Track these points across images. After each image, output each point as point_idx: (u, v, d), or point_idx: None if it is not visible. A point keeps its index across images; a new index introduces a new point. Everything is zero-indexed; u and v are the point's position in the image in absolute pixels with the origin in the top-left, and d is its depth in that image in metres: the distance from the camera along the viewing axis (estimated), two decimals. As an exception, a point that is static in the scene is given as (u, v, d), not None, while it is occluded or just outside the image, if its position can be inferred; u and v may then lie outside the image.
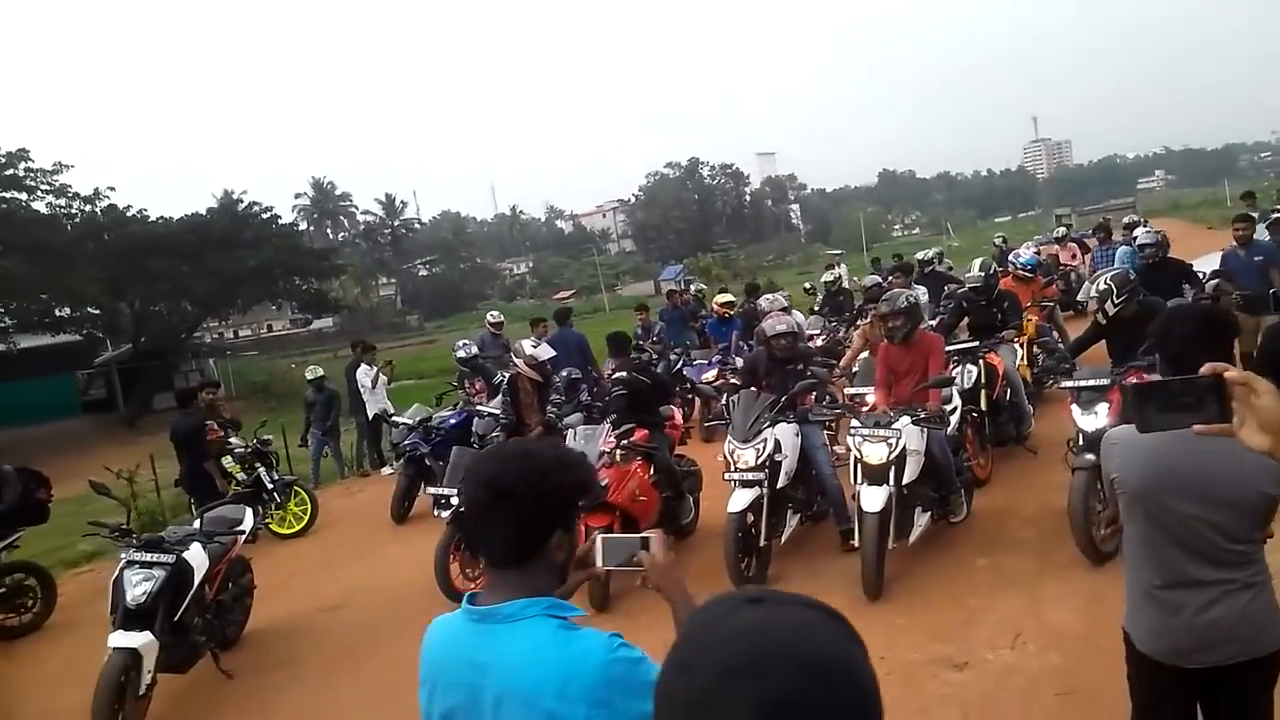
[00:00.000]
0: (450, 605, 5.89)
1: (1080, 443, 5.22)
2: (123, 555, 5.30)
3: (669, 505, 6.39)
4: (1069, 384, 5.30)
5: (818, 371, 6.34)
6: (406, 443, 8.92)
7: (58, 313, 30.42)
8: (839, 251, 20.39)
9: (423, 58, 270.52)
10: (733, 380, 9.50)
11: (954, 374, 6.24)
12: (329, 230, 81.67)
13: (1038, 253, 10.99)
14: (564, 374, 9.59)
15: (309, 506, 9.11)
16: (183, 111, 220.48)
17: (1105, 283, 5.57)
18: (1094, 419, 5.11)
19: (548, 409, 6.83)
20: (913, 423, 5.28)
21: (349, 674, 5.55)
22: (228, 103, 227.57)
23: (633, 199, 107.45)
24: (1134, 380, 5.16)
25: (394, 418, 9.49)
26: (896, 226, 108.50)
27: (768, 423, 5.72)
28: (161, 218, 34.87)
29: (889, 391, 5.94)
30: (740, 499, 5.52)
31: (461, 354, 9.65)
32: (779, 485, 5.68)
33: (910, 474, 5.23)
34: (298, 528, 9.06)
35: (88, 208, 31.91)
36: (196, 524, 5.85)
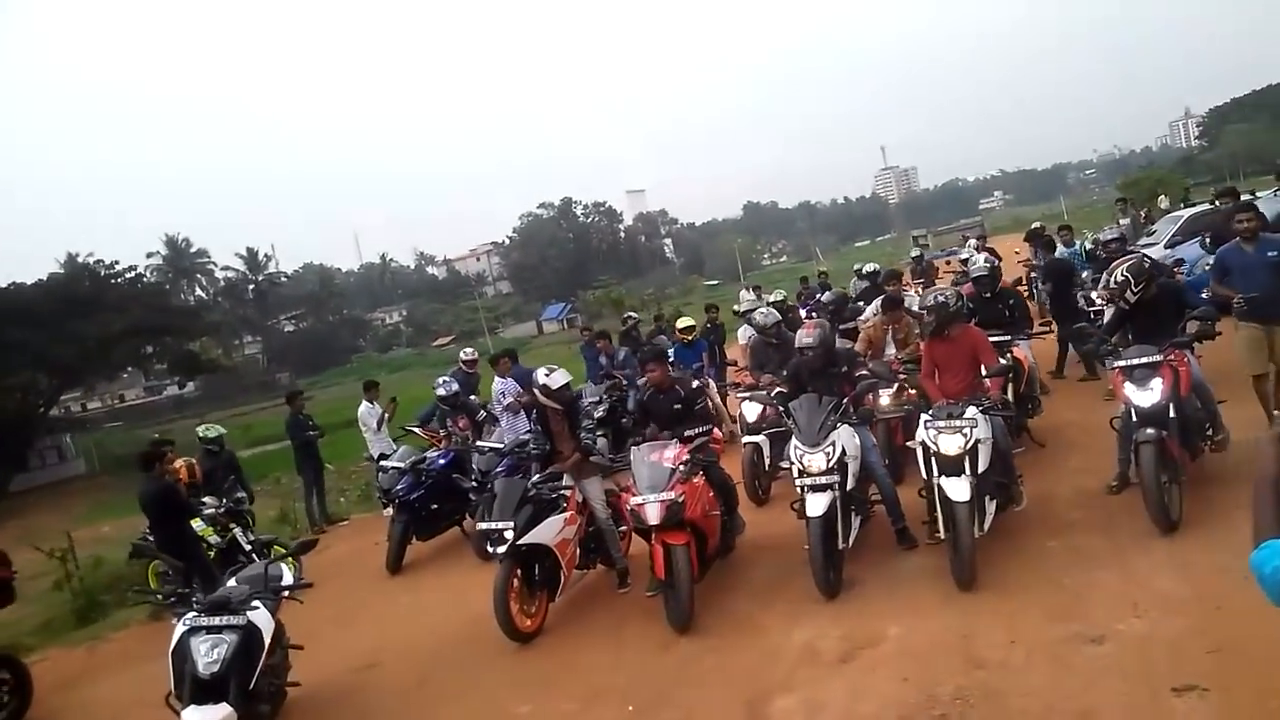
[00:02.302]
0: (507, 646, 5.71)
1: (1135, 418, 5.46)
2: (184, 621, 4.76)
3: (723, 522, 6.29)
4: (1121, 363, 5.56)
5: (877, 369, 6.42)
6: (399, 487, 8.42)
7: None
8: (757, 285, 20.96)
9: (270, 104, 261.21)
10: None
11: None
12: (184, 289, 76.88)
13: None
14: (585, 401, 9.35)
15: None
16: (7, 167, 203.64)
17: (1123, 274, 5.92)
18: (1150, 395, 5.38)
19: (581, 435, 6.58)
20: (981, 412, 5.42)
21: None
22: (57, 158, 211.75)
23: (507, 240, 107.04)
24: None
25: (382, 461, 8.94)
26: (765, 255, 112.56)
27: (834, 426, 5.74)
28: (13, 283, 32.07)
29: (936, 385, 6.07)
30: (817, 504, 5.49)
31: (442, 392, 9.26)
32: (848, 488, 5.70)
33: (983, 463, 5.34)
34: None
35: (-72, 276, 29.07)
36: (231, 583, 5.30)
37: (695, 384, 6.84)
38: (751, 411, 7.96)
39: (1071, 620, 4.55)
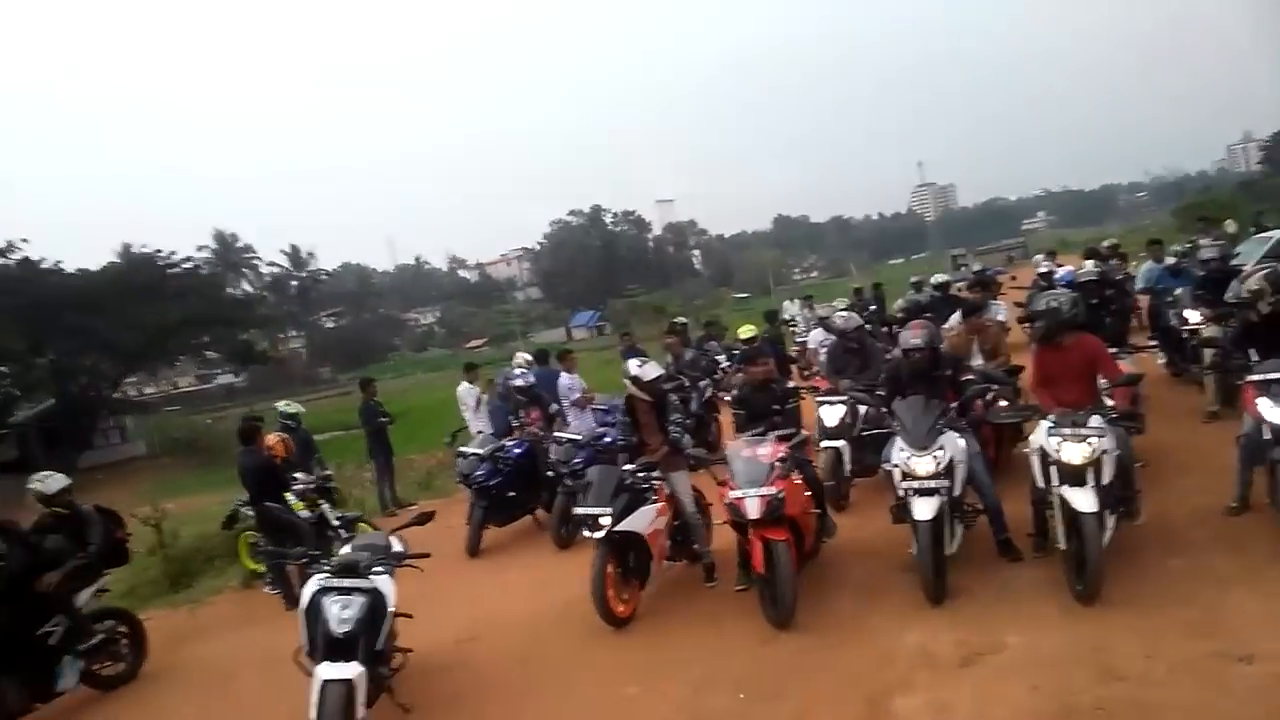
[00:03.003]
0: (602, 630, 5.65)
1: (1269, 435, 5.25)
2: (315, 581, 4.87)
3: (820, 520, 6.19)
4: (1257, 377, 5.35)
5: (995, 374, 6.28)
6: (478, 474, 8.44)
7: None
8: (809, 295, 20.90)
9: (311, 108, 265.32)
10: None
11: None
12: (231, 283, 78.20)
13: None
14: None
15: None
16: (71, 162, 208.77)
17: (1258, 283, 5.70)
18: (1287, 412, 5.16)
19: (670, 429, 6.51)
20: (1108, 422, 5.24)
21: (532, 705, 5.15)
22: (113, 153, 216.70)
23: (538, 247, 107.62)
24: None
25: (462, 449, 8.98)
26: (796, 270, 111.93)
27: (941, 430, 5.60)
28: (80, 270, 32.94)
29: (1048, 393, 5.88)
30: (925, 508, 5.36)
31: (520, 383, 9.27)
32: (955, 493, 5.56)
33: (1107, 474, 5.16)
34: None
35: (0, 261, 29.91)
36: (346, 550, 5.33)
37: (790, 385, 6.75)
38: (831, 416, 7.83)
39: (1213, 637, 4.38)
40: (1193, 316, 9.10)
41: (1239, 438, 5.72)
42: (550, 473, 8.48)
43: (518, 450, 8.72)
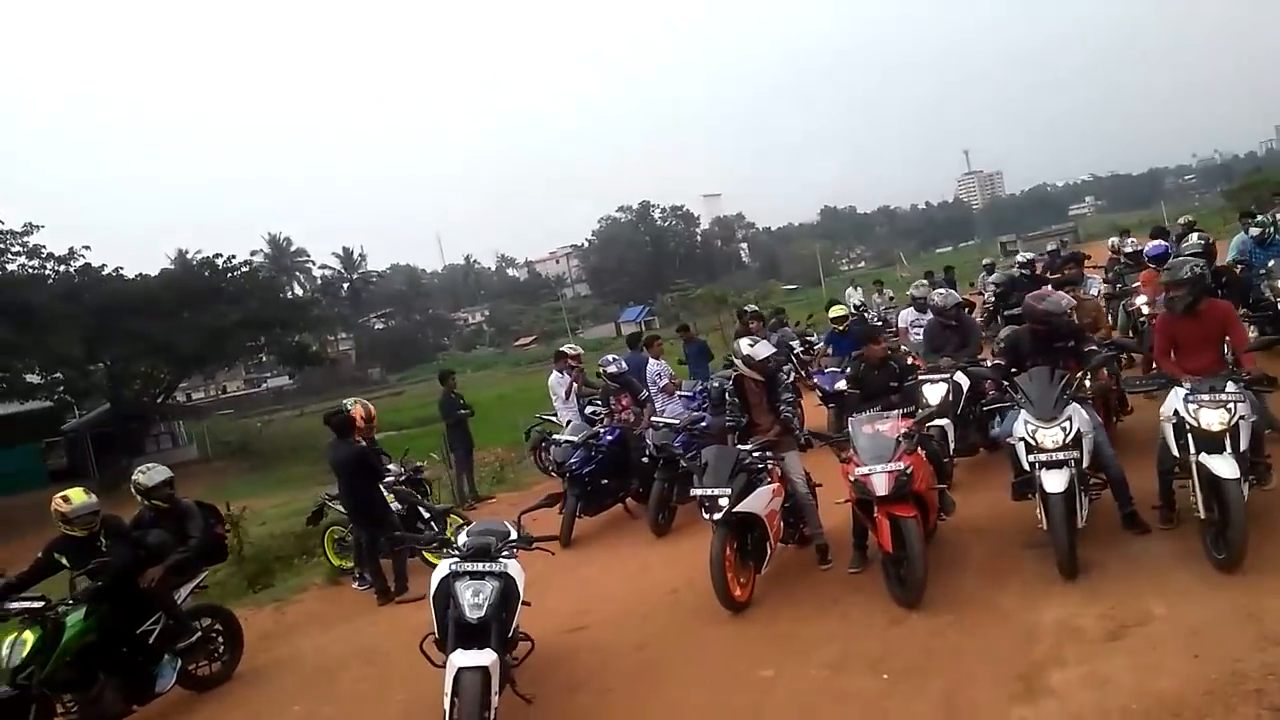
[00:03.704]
0: (719, 614, 5.65)
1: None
2: (445, 566, 4.85)
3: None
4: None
5: (1123, 341, 6.17)
6: (572, 461, 8.49)
7: (27, 378, 28.91)
8: (879, 280, 20.81)
9: (357, 112, 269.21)
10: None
11: None
12: (284, 286, 79.93)
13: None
14: (714, 386, 9.32)
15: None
16: (122, 169, 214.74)
17: None
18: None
19: (781, 408, 6.49)
20: (1243, 387, 5.12)
21: (658, 692, 5.11)
22: (165, 159, 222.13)
23: (586, 243, 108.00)
24: None
25: (555, 435, 9.05)
26: (844, 261, 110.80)
27: (1068, 400, 5.52)
28: (140, 275, 33.82)
29: (1170, 361, 5.77)
30: (1056, 480, 5.27)
31: (613, 369, 9.30)
32: (1084, 465, 5.47)
33: (1244, 440, 5.04)
34: (455, 559, 8.50)
35: (61, 268, 30.77)
36: (462, 538, 5.34)
37: (910, 362, 6.70)
38: (934, 394, 7.74)
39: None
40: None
41: None
42: (645, 459, 8.51)
43: (610, 437, 8.75)
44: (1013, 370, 6.13)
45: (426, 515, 8.38)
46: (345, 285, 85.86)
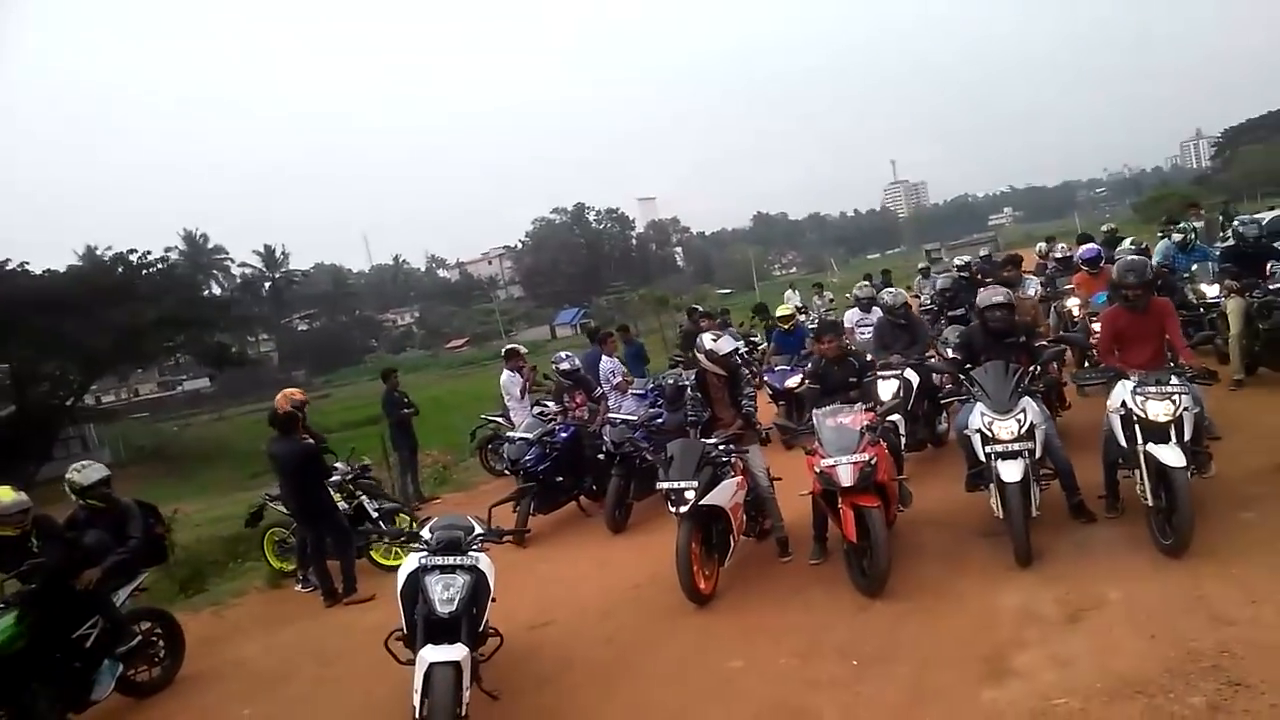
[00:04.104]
0: (685, 607, 5.66)
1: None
2: (414, 560, 4.71)
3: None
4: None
5: (1072, 337, 6.38)
6: (527, 459, 8.38)
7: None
8: (818, 284, 21.33)
9: (283, 102, 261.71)
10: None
11: None
12: (201, 284, 77.04)
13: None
14: (670, 383, 9.34)
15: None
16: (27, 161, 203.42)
17: None
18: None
19: (743, 403, 6.54)
20: (1187, 380, 5.36)
21: (628, 683, 5.07)
22: (65, 150, 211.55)
23: (520, 244, 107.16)
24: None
25: (509, 434, 8.90)
26: (776, 266, 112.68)
27: (1022, 393, 5.70)
28: (47, 270, 32.10)
29: (1114, 357, 6.00)
30: (1012, 470, 5.44)
31: (566, 366, 9.19)
32: (1037, 455, 5.65)
33: (1189, 431, 5.28)
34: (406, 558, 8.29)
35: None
36: (426, 534, 5.21)
37: (868, 358, 6.83)
38: (886, 390, 7.91)
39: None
40: (1210, 291, 9.37)
41: None
42: (601, 455, 8.46)
43: (564, 434, 8.67)
44: (966, 365, 6.32)
45: (374, 514, 8.14)
46: (267, 285, 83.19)
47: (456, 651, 4.31)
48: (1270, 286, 8.05)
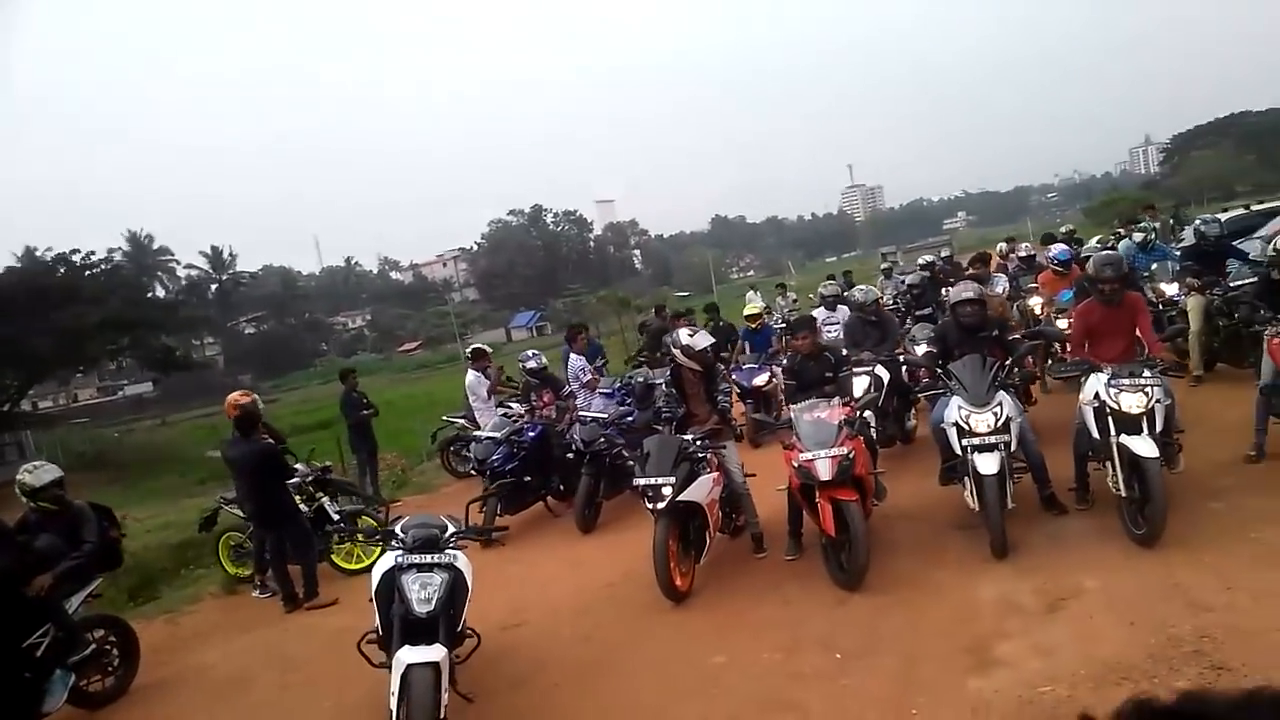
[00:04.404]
0: (661, 605, 5.58)
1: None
2: (390, 559, 4.56)
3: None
4: (1290, 326, 5.64)
5: (1048, 331, 6.44)
6: (494, 458, 8.22)
7: None
8: (781, 284, 21.52)
9: (231, 100, 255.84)
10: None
11: None
12: (146, 287, 74.87)
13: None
14: (640, 380, 9.27)
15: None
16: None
17: None
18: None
19: (718, 399, 6.49)
20: (1158, 373, 5.44)
21: (609, 682, 4.98)
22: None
23: (475, 246, 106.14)
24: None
25: (477, 434, 8.73)
26: (734, 269, 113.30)
27: (998, 387, 5.74)
28: (-15, 273, 30.83)
29: (1085, 350, 6.08)
30: (989, 463, 5.47)
31: (533, 364, 9.06)
32: (1013, 448, 5.69)
33: (1160, 423, 5.36)
34: (368, 561, 8.06)
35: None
36: (399, 532, 5.04)
37: (843, 353, 6.84)
38: (858, 386, 7.92)
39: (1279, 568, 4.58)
40: (1169, 290, 9.58)
41: (1260, 388, 6.05)
42: (570, 455, 8.34)
43: (532, 434, 8.54)
44: (940, 360, 6.35)
45: (335, 517, 7.91)
46: (214, 286, 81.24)
47: (435, 652, 4.19)
48: (1230, 284, 8.23)
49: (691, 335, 6.59)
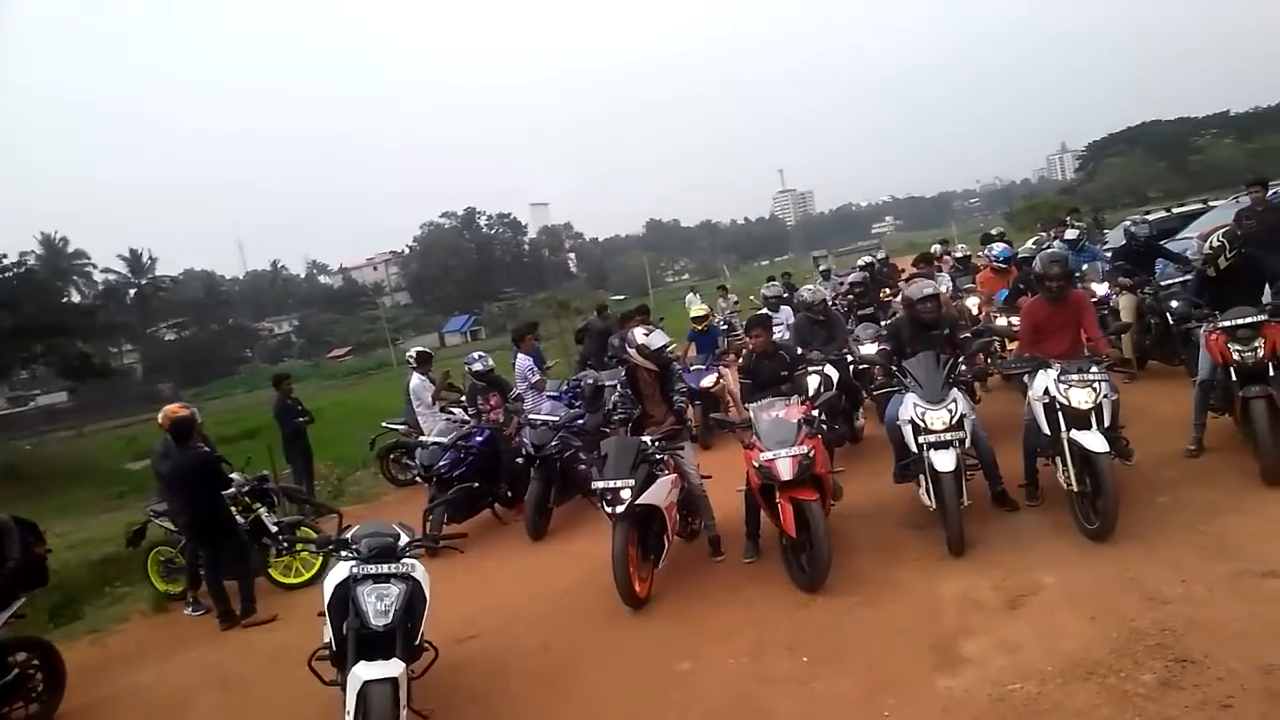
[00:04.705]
0: (622, 611, 5.46)
1: (1235, 377, 5.72)
2: (344, 570, 4.32)
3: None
4: (1225, 324, 5.80)
5: (999, 329, 6.50)
6: (441, 464, 7.97)
7: None
8: (722, 285, 21.63)
9: (151, 97, 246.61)
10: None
11: None
12: (60, 291, 71.46)
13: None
14: (589, 382, 9.13)
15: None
16: None
17: (1219, 239, 6.22)
18: (1254, 354, 5.65)
19: (674, 399, 6.40)
20: (1105, 368, 5.55)
21: (565, 694, 4.82)
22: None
23: (407, 250, 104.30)
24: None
25: (422, 438, 8.45)
26: (669, 273, 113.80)
27: (952, 384, 5.79)
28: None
29: (1031, 347, 6.16)
30: (946, 460, 5.49)
31: (479, 366, 8.82)
32: (966, 445, 5.73)
33: (1108, 418, 5.46)
34: (307, 575, 7.75)
35: None
36: (350, 540, 4.80)
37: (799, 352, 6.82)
38: (809, 386, 7.94)
39: (1230, 559, 4.69)
40: (1100, 289, 9.88)
41: (1198, 383, 6.22)
42: (520, 459, 8.14)
43: (480, 438, 8.32)
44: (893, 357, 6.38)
45: (273, 529, 7.56)
46: (132, 292, 78.04)
47: (393, 667, 3.98)
48: (1160, 283, 8.51)
49: (647, 335, 6.48)
